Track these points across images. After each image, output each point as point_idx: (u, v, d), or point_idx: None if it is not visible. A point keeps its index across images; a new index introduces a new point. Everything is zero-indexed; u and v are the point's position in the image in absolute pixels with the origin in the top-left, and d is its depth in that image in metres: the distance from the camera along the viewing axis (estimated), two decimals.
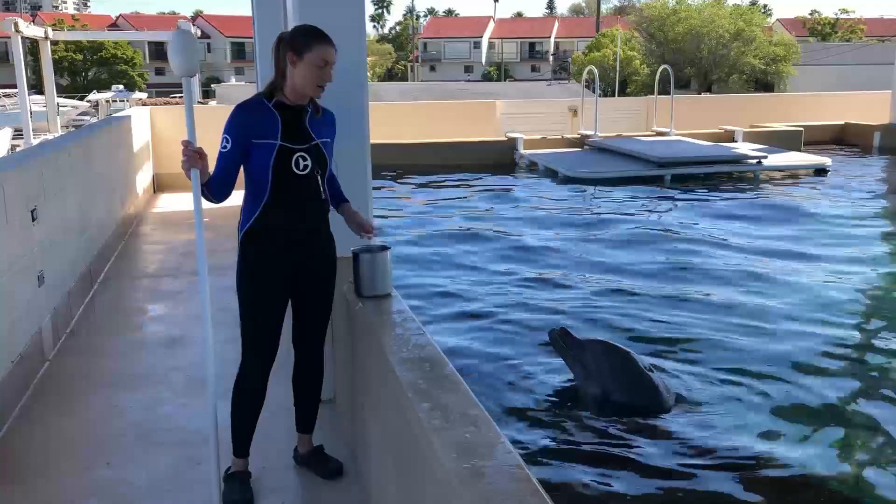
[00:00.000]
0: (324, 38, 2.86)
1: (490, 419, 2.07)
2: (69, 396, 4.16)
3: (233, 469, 3.12)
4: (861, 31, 60.64)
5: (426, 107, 17.15)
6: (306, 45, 2.82)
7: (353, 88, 3.55)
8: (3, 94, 34.01)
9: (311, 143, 2.92)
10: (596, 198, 11.80)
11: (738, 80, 41.68)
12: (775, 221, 9.76)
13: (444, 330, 5.80)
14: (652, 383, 4.55)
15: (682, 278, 7.25)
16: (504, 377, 5.02)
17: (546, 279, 7.28)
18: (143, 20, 63.96)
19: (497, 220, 10.08)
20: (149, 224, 8.84)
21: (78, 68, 56.92)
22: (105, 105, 36.65)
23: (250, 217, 2.91)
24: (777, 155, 14.15)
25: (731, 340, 5.62)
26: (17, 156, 6.44)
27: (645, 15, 45.15)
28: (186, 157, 2.72)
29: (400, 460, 2.48)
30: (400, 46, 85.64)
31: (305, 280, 3.04)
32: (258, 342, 3.00)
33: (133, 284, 6.42)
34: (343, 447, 3.39)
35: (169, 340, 4.99)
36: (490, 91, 31.13)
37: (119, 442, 3.64)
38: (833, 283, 7.10)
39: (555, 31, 78.47)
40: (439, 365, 2.48)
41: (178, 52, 2.75)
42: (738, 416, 4.50)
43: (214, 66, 67.37)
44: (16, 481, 3.30)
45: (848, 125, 17.75)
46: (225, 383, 3.07)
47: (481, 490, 1.74)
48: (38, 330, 4.49)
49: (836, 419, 4.54)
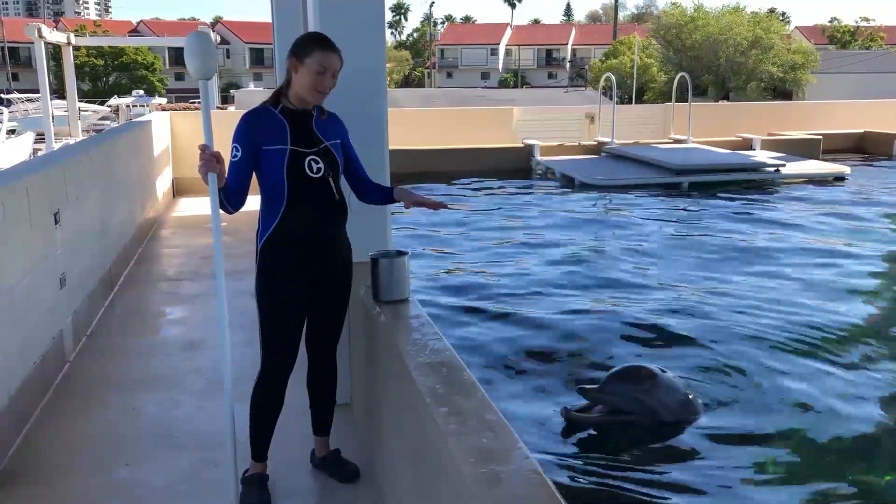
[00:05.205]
0: (325, 45, 2.85)
1: (507, 424, 2.08)
2: (89, 397, 4.20)
3: (250, 471, 3.13)
4: (881, 39, 60.16)
5: (443, 113, 17.21)
6: (307, 51, 2.83)
7: (373, 96, 3.58)
8: (25, 98, 34.47)
9: (321, 146, 2.93)
10: (612, 205, 11.77)
11: (756, 87, 41.45)
12: (794, 228, 9.69)
13: (461, 335, 5.80)
14: (683, 392, 4.52)
15: (702, 285, 7.22)
16: (521, 383, 5.01)
17: (564, 286, 7.26)
18: (164, 26, 64.55)
19: (514, 225, 10.08)
20: (168, 227, 8.91)
21: (99, 73, 57.59)
22: (125, 110, 37.06)
23: (270, 225, 2.90)
24: (795, 163, 14.06)
25: (752, 341, 5.61)
26: (40, 160, 6.53)
27: (662, 22, 45.01)
28: (203, 161, 2.71)
29: (417, 464, 2.48)
30: (417, 53, 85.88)
31: (324, 287, 3.05)
32: (278, 349, 3.01)
33: (153, 287, 6.48)
34: (359, 451, 3.40)
35: (187, 343, 5.02)
36: (507, 98, 31.17)
37: (138, 443, 3.67)
38: (855, 287, 7.06)
39: (572, 38, 78.41)
40: (456, 370, 2.48)
41: (195, 54, 2.75)
42: (763, 419, 4.48)
43: (233, 72, 67.88)
44: (37, 481, 3.34)
45: (867, 133, 17.60)
46: (242, 386, 3.10)
47: (498, 495, 1.75)
48: (60, 331, 4.54)
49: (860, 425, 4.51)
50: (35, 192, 4.23)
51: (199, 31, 3.00)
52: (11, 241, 3.77)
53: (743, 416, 4.56)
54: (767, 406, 4.68)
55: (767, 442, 4.28)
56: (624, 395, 4.40)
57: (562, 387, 4.96)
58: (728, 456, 4.15)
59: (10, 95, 35.28)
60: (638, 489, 3.82)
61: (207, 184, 2.78)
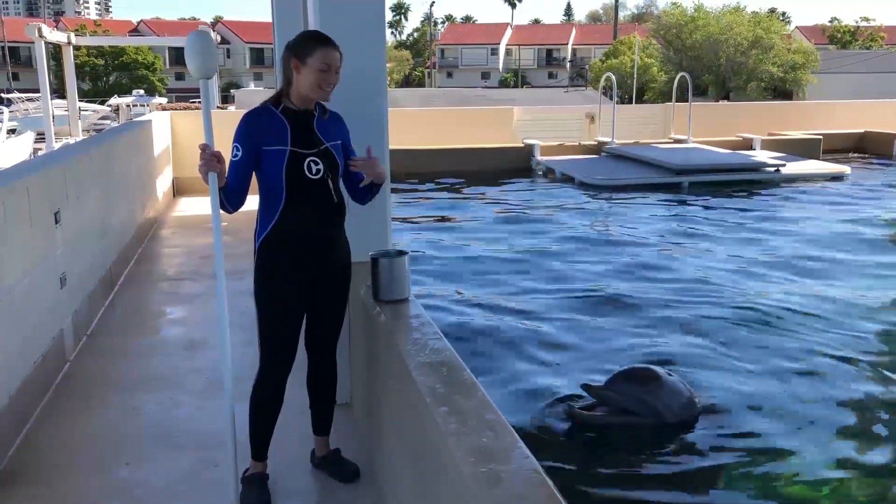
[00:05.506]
0: (326, 42, 2.86)
1: (507, 424, 2.08)
2: (89, 397, 4.20)
3: (251, 471, 3.14)
4: (882, 39, 60.16)
5: (443, 113, 17.20)
6: (308, 50, 2.83)
7: (373, 96, 3.58)
8: (25, 98, 34.50)
9: (321, 147, 2.92)
10: (613, 205, 11.77)
11: (757, 87, 41.45)
12: (794, 228, 9.70)
13: (461, 335, 5.80)
14: (686, 395, 4.53)
15: (702, 285, 7.22)
16: (521, 383, 5.01)
17: (564, 286, 7.27)
18: (164, 26, 64.57)
19: (514, 225, 10.08)
20: (169, 227, 8.91)
21: (99, 73, 57.63)
22: (126, 109, 37.10)
23: (267, 225, 2.91)
24: (795, 163, 14.06)
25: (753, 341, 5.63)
26: (40, 159, 6.53)
27: (663, 22, 45.03)
28: (204, 161, 2.72)
29: (417, 464, 2.49)
30: (417, 53, 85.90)
31: (322, 288, 3.05)
32: (277, 349, 3.01)
33: (153, 287, 6.48)
34: (360, 451, 3.40)
35: (188, 343, 5.03)
36: (507, 97, 31.17)
37: (138, 443, 3.67)
38: (856, 287, 7.06)
39: (572, 38, 78.44)
40: (457, 369, 2.49)
41: (196, 53, 2.75)
42: (765, 420, 4.48)
43: (234, 72, 67.90)
44: (37, 481, 3.34)
45: (867, 133, 17.59)
46: (243, 386, 3.10)
47: (498, 494, 1.75)
48: (60, 331, 4.54)
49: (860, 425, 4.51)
50: (35, 192, 4.24)
51: (199, 30, 3.00)
52: (12, 241, 3.78)
53: (745, 416, 4.56)
54: (770, 407, 4.68)
55: (769, 443, 4.28)
56: (629, 395, 4.41)
57: (562, 387, 4.96)
58: (728, 457, 4.15)
59: (10, 95, 35.30)
60: (638, 489, 3.82)
61: (208, 183, 2.78)
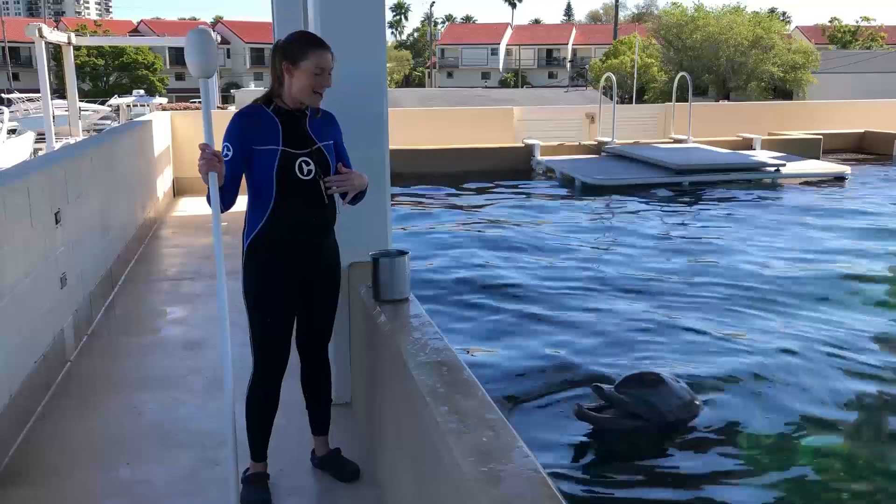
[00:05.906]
0: (319, 45, 2.82)
1: (507, 423, 2.08)
2: (90, 397, 4.21)
3: (251, 471, 3.14)
4: (882, 39, 60.14)
5: (443, 113, 17.20)
6: (301, 54, 2.79)
7: (373, 96, 3.58)
8: (26, 98, 34.52)
9: (313, 148, 2.90)
10: (613, 204, 11.77)
11: (757, 87, 41.44)
12: (794, 228, 9.70)
13: (461, 335, 5.81)
14: (691, 400, 4.53)
15: (703, 285, 7.23)
16: (522, 384, 5.02)
17: (564, 286, 7.26)
18: (164, 26, 64.58)
19: (515, 226, 10.09)
20: (169, 227, 8.91)
21: (99, 73, 57.65)
22: (126, 109, 37.12)
23: (256, 226, 2.88)
24: (796, 163, 14.06)
25: (753, 341, 5.61)
26: (41, 159, 6.53)
27: (663, 22, 45.02)
28: (204, 160, 2.70)
29: (417, 464, 2.49)
30: (417, 53, 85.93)
31: (312, 289, 3.03)
32: (268, 350, 3.00)
33: (153, 287, 6.48)
34: (360, 450, 3.40)
35: (188, 342, 5.03)
36: (507, 97, 31.19)
37: (138, 442, 3.67)
38: (857, 286, 7.07)
39: (572, 38, 78.46)
40: (457, 369, 2.49)
41: (196, 52, 2.73)
42: (765, 420, 4.49)
43: (234, 72, 67.92)
44: (37, 481, 3.34)
45: (868, 133, 17.58)
46: (243, 385, 3.10)
47: (498, 494, 1.75)
48: (60, 331, 4.55)
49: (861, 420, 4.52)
50: (36, 192, 4.24)
51: (199, 28, 2.98)
52: (12, 241, 3.78)
53: (746, 418, 4.56)
54: (772, 408, 4.68)
55: (770, 444, 4.28)
56: (638, 398, 4.41)
57: (564, 386, 4.96)
58: (728, 457, 4.15)
59: (10, 95, 35.33)
60: (638, 489, 3.82)
61: (207, 182, 2.78)
